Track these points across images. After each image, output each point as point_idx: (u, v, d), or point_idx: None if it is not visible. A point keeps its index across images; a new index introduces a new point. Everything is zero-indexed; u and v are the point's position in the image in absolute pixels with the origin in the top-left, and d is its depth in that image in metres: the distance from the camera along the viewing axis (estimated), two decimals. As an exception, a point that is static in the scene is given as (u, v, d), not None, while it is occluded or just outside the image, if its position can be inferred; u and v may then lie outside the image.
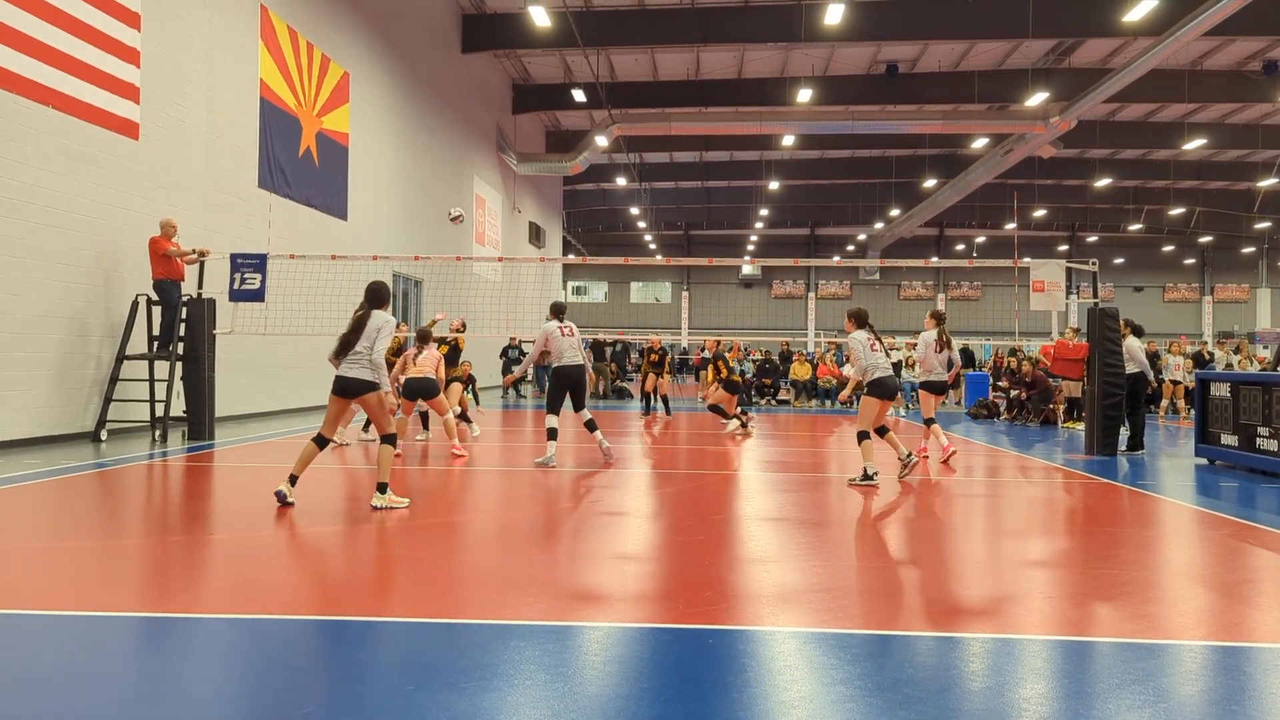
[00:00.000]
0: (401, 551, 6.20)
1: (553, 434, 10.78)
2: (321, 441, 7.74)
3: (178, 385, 12.79)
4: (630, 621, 4.57)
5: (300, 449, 7.73)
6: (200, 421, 12.77)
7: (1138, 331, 13.87)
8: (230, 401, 14.97)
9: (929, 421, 11.95)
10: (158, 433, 12.45)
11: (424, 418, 13.79)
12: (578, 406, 11.20)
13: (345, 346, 7.62)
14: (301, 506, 7.49)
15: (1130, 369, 13.28)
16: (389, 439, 7.77)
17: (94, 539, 6.45)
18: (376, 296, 7.82)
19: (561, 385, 10.97)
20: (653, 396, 20.55)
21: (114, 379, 12.59)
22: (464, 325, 15.31)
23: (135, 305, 12.91)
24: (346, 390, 7.60)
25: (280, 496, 7.49)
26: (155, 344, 13.06)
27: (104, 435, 12.36)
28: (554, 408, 10.99)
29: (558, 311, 11.26)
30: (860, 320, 9.98)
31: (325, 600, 5.00)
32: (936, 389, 12.16)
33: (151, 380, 12.82)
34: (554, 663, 3.92)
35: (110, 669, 3.90)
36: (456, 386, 13.96)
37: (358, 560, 6.00)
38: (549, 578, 5.44)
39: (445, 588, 5.29)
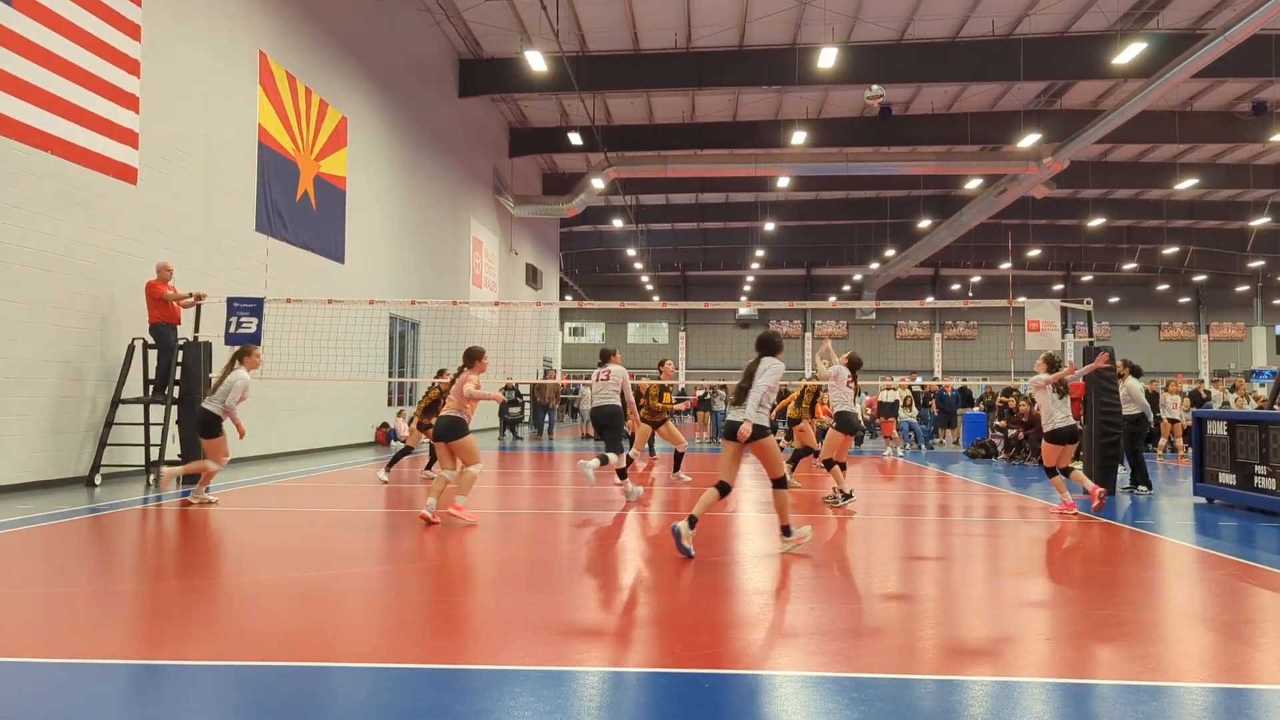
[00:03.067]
0: (397, 595, 6.14)
1: (620, 473, 11.56)
2: (724, 488, 7.74)
3: (173, 429, 12.75)
4: (627, 666, 4.53)
5: (294, 492, 7.68)
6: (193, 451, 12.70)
7: (1136, 372, 13.90)
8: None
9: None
10: (152, 477, 12.39)
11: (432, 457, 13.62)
12: (608, 447, 11.36)
13: (740, 394, 7.76)
14: (292, 552, 7.43)
15: (1130, 410, 13.27)
16: (780, 483, 7.90)
17: (87, 585, 6.39)
18: (766, 345, 8.02)
19: (594, 425, 11.67)
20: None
21: (109, 423, 12.55)
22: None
23: (131, 349, 12.91)
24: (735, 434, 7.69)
25: (676, 534, 7.42)
26: (151, 388, 13.04)
27: (99, 480, 12.30)
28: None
29: (601, 357, 12.01)
30: (854, 364, 11.33)
31: (320, 646, 4.95)
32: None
33: (147, 424, 12.78)
34: (549, 709, 3.88)
35: (103, 717, 3.85)
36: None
37: (354, 606, 5.95)
38: (545, 621, 5.39)
39: (439, 632, 5.24)
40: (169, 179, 14.14)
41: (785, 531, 7.83)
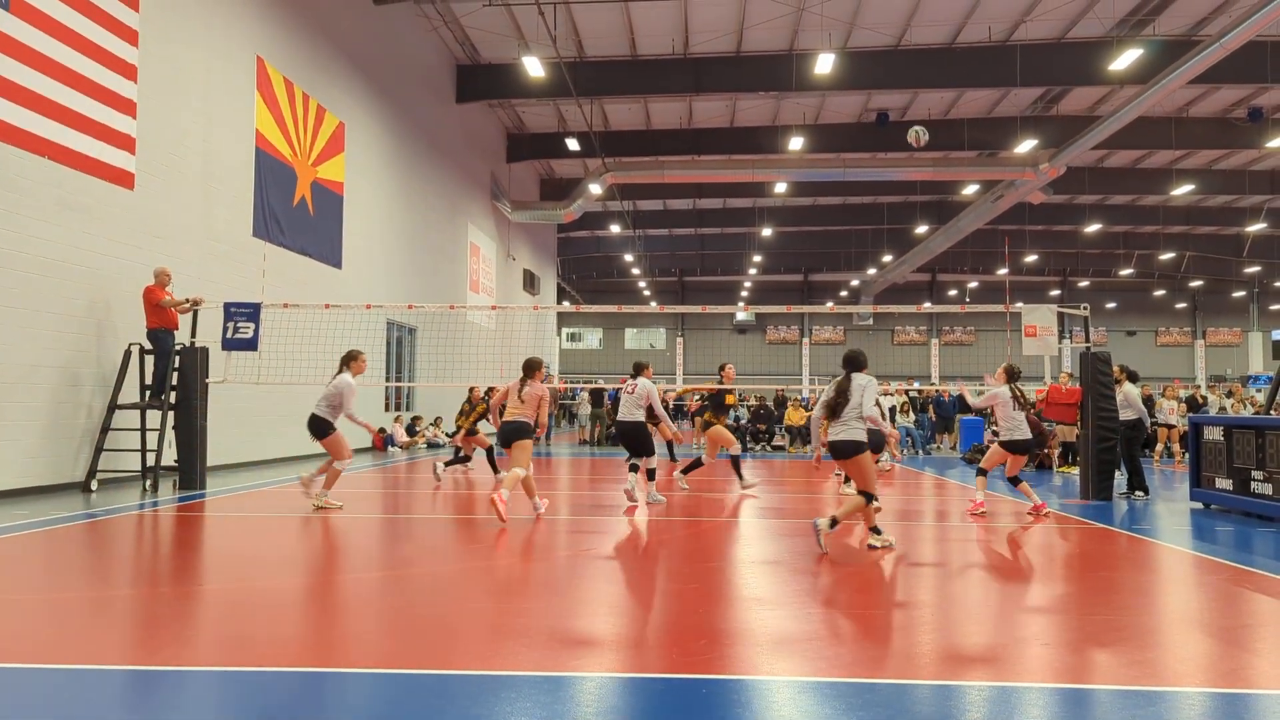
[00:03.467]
0: (391, 601, 6.14)
1: (649, 474, 11.58)
2: (868, 497, 8.28)
3: (169, 435, 12.74)
4: (624, 671, 4.52)
5: (291, 497, 7.67)
6: (192, 471, 12.69)
7: (1133, 377, 13.90)
8: (222, 451, 14.91)
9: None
10: (149, 482, 12.37)
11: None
12: (634, 455, 11.63)
13: (834, 410, 8.28)
14: (302, 558, 7.42)
15: (1127, 415, 13.27)
16: (869, 496, 8.30)
17: (83, 590, 6.38)
18: (854, 363, 8.51)
19: (621, 439, 11.93)
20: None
21: (105, 428, 12.53)
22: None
23: (128, 354, 12.89)
24: (842, 451, 8.26)
25: (817, 528, 7.95)
26: (147, 393, 13.03)
27: (95, 485, 12.27)
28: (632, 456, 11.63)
29: (634, 369, 12.08)
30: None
31: (315, 652, 4.94)
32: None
33: (143, 429, 12.77)
34: (546, 715, 3.87)
35: (95, 723, 3.84)
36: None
37: (348, 611, 5.94)
38: (542, 626, 5.38)
39: (435, 637, 5.23)
40: (166, 184, 14.13)
41: (874, 531, 8.43)
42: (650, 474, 11.66)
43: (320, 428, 10.82)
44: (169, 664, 4.60)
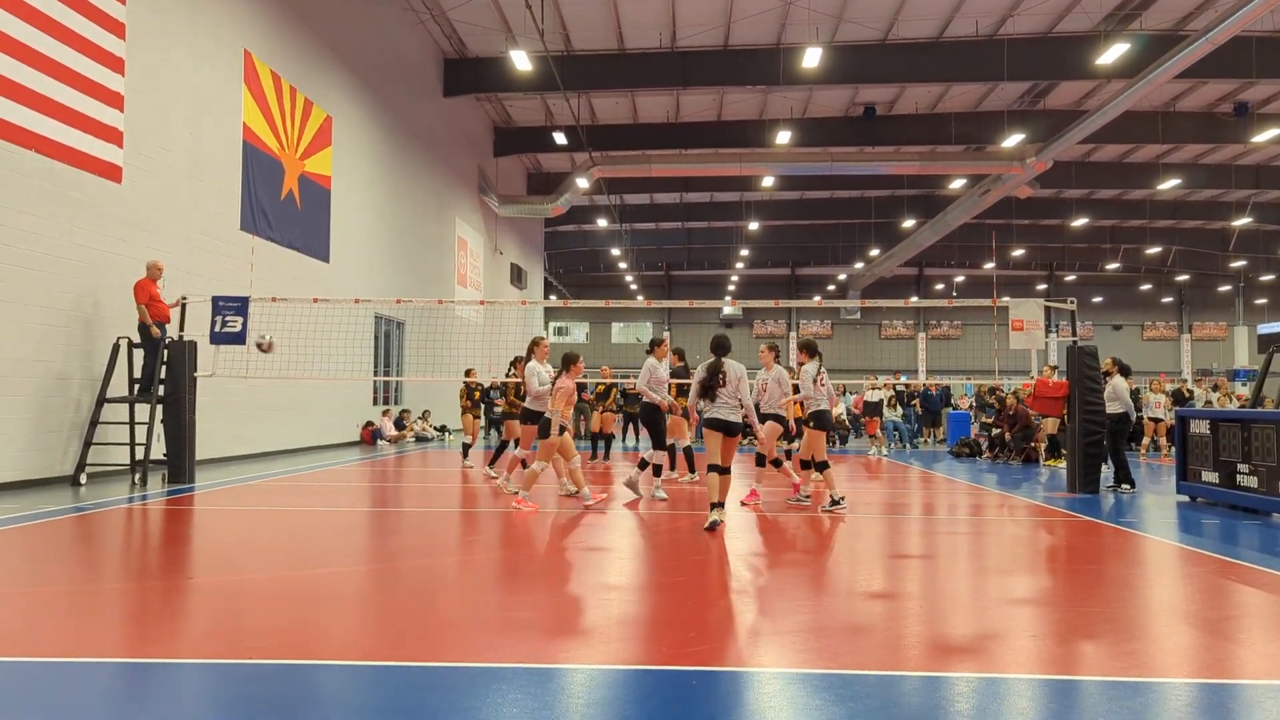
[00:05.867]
0: (381, 594, 6.15)
1: (656, 470, 11.75)
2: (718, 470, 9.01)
3: (158, 428, 12.70)
4: (614, 663, 4.54)
5: (279, 490, 7.67)
6: (180, 465, 12.66)
7: (1125, 371, 13.97)
8: (211, 444, 14.88)
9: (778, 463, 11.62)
10: (137, 476, 12.33)
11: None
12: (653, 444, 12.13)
13: (707, 390, 9.03)
14: (278, 550, 7.42)
15: (1114, 409, 13.33)
16: (719, 469, 9.04)
17: (71, 584, 6.37)
18: (722, 348, 9.26)
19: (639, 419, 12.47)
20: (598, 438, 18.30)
21: (94, 422, 12.49)
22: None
23: (116, 348, 12.85)
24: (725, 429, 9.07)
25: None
26: (136, 387, 12.99)
27: (83, 479, 12.24)
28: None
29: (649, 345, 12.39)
30: (811, 351, 10.93)
31: (305, 644, 4.94)
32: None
33: (132, 423, 12.72)
34: (537, 705, 3.89)
35: (89, 717, 3.84)
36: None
37: (339, 604, 5.94)
38: (532, 619, 5.40)
39: (425, 630, 5.24)
40: (154, 178, 14.08)
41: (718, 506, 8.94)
42: (657, 470, 11.69)
43: (532, 417, 11.24)
44: (160, 657, 4.60)
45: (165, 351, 12.86)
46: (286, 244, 18.23)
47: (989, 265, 51.10)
